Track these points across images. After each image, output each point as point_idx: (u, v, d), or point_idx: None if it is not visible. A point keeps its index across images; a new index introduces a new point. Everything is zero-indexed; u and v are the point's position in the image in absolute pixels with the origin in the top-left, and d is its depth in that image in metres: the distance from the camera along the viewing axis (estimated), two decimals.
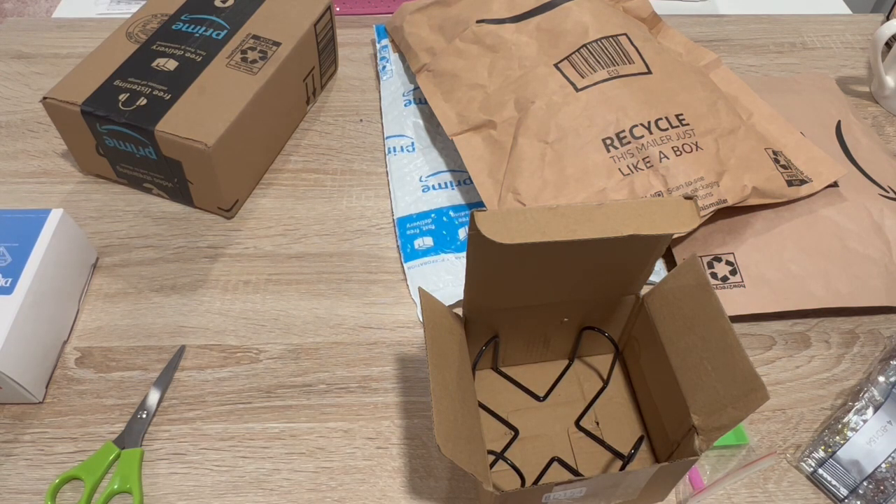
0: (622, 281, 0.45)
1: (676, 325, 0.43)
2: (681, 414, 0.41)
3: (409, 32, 0.70)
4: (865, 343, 0.55)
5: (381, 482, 0.47)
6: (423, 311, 0.41)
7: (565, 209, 0.37)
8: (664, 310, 0.44)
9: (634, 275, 0.45)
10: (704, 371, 0.40)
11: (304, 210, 0.63)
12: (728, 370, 0.38)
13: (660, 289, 0.45)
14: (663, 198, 0.39)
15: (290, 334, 0.55)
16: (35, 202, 0.63)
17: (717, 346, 0.39)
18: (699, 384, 0.40)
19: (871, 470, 0.47)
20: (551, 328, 0.49)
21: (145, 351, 0.53)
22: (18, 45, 0.78)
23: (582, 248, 0.39)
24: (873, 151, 0.64)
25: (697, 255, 0.43)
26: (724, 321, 0.39)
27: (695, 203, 0.38)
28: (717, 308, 0.39)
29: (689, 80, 0.61)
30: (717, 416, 0.38)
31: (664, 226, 0.38)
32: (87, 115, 0.57)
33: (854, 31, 0.82)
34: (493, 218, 0.36)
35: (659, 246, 0.42)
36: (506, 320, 0.47)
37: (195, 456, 0.48)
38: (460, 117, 0.62)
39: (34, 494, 0.46)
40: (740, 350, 0.37)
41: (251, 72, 0.61)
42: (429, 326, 0.41)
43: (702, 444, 0.39)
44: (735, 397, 0.37)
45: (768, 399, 0.35)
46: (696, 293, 0.41)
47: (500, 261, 0.40)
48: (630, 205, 0.38)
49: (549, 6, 0.64)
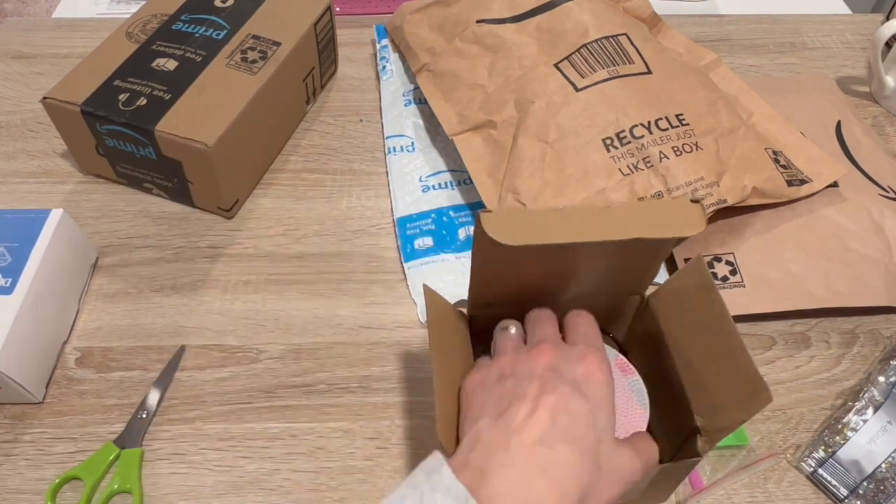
0: (627, 282, 0.45)
1: (681, 326, 0.43)
2: (684, 415, 0.41)
3: (409, 32, 0.70)
4: (865, 343, 0.55)
5: (381, 482, 0.47)
6: (428, 309, 0.41)
7: (571, 211, 0.37)
8: (668, 310, 0.44)
9: (640, 276, 0.44)
10: (708, 372, 0.40)
11: (304, 210, 0.63)
12: (732, 371, 0.38)
13: (664, 289, 0.45)
14: (670, 200, 0.39)
15: (290, 334, 0.55)
16: (35, 202, 0.63)
17: (721, 348, 0.39)
18: (702, 385, 0.40)
19: (871, 470, 0.47)
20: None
21: (145, 351, 0.53)
22: (18, 45, 0.78)
23: (587, 250, 0.39)
24: (873, 151, 0.64)
25: (701, 256, 0.43)
26: (728, 322, 0.38)
27: (701, 206, 0.38)
28: (722, 309, 0.39)
29: (689, 80, 0.61)
30: (721, 417, 0.38)
31: (670, 229, 0.37)
32: (87, 115, 0.57)
33: (854, 31, 0.82)
34: (499, 218, 0.36)
35: (665, 248, 0.42)
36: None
37: (195, 456, 0.48)
38: (460, 117, 0.62)
39: (34, 494, 0.46)
40: (744, 351, 0.37)
41: (251, 72, 0.61)
42: (433, 324, 0.41)
43: (704, 445, 0.39)
44: (738, 399, 0.37)
45: (772, 401, 0.35)
46: (701, 294, 0.41)
47: (504, 261, 0.40)
48: (636, 207, 0.38)
49: (549, 6, 0.64)
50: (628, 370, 0.44)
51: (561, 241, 0.36)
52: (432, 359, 0.39)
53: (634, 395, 0.43)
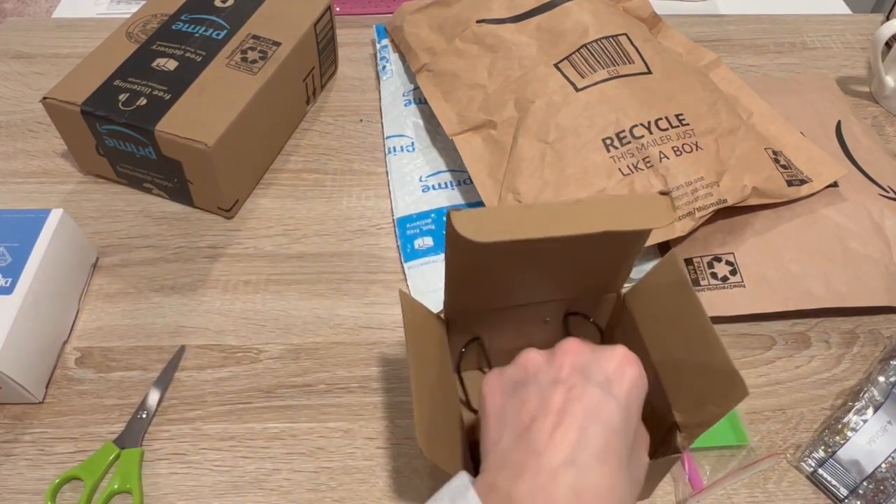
0: (602, 279, 0.45)
1: (658, 323, 0.43)
2: (663, 411, 0.41)
3: (409, 32, 0.70)
4: (865, 343, 0.55)
5: (381, 482, 0.47)
6: (404, 313, 0.41)
7: (540, 207, 0.37)
8: (645, 308, 0.44)
9: (614, 272, 0.44)
10: (685, 368, 0.40)
11: (304, 210, 0.63)
12: (708, 367, 0.38)
13: (640, 287, 0.45)
14: (640, 194, 0.38)
15: (290, 334, 0.55)
16: (35, 202, 0.63)
17: (698, 344, 0.39)
18: (680, 381, 0.40)
19: (871, 470, 0.47)
20: (534, 329, 0.48)
21: (145, 351, 0.53)
22: (18, 45, 0.78)
23: (558, 245, 0.39)
24: (873, 151, 0.64)
25: (675, 253, 0.43)
26: (703, 319, 0.39)
27: (670, 198, 0.38)
28: (697, 306, 0.39)
29: (689, 80, 0.61)
30: (699, 412, 0.38)
31: (639, 221, 0.37)
32: (87, 115, 0.57)
33: (854, 31, 0.82)
34: (469, 217, 0.36)
35: (638, 243, 0.42)
36: (487, 321, 0.47)
37: (195, 456, 0.48)
38: (460, 117, 0.62)
39: (34, 494, 0.46)
40: (720, 347, 0.37)
41: (251, 72, 0.61)
42: (409, 328, 0.41)
43: (684, 441, 0.39)
44: (715, 394, 0.37)
45: (747, 394, 0.35)
46: (676, 291, 0.41)
47: (477, 260, 0.40)
48: (606, 201, 0.38)
49: (549, 6, 0.64)
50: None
51: (530, 237, 0.36)
52: (410, 365, 0.39)
53: None
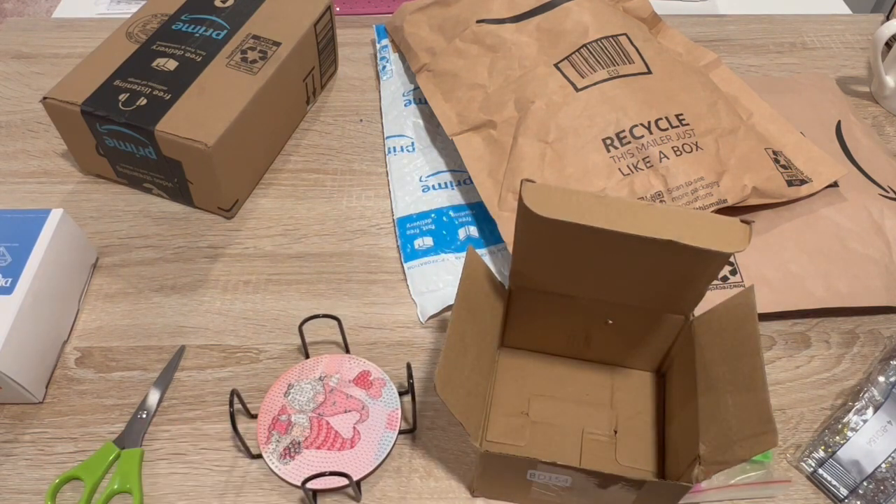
0: (668, 296, 0.44)
1: (713, 354, 0.42)
2: (693, 441, 0.41)
3: (409, 32, 0.70)
4: (865, 343, 0.55)
5: (381, 482, 0.47)
6: (465, 266, 0.42)
7: (612, 200, 0.37)
8: (707, 336, 0.43)
9: (681, 292, 0.43)
10: (724, 405, 0.39)
11: (304, 210, 0.63)
12: (746, 408, 0.37)
13: (709, 314, 0.44)
14: (719, 215, 0.37)
15: (290, 334, 0.55)
16: (35, 202, 0.63)
17: (744, 382, 0.38)
18: (716, 415, 0.39)
19: (871, 470, 0.47)
20: (594, 327, 0.48)
21: (145, 351, 0.53)
22: (18, 45, 0.78)
23: (622, 242, 0.38)
24: (873, 151, 0.64)
25: (753, 287, 0.42)
26: (758, 358, 0.38)
27: (750, 228, 0.37)
28: (756, 344, 0.38)
29: (689, 80, 0.61)
30: (724, 451, 0.38)
31: (709, 241, 0.36)
32: (87, 115, 0.57)
33: (854, 31, 0.82)
34: (540, 191, 0.36)
35: (711, 267, 0.40)
36: (549, 305, 0.47)
37: (195, 456, 0.48)
38: (460, 117, 0.62)
39: (34, 494, 0.46)
40: (764, 391, 0.36)
41: (251, 72, 0.61)
42: (464, 279, 0.41)
43: (700, 474, 0.39)
44: (745, 436, 0.36)
45: (777, 445, 0.35)
46: (742, 324, 0.40)
47: (542, 235, 0.39)
48: (680, 212, 0.37)
49: (549, 6, 0.64)
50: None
51: (593, 225, 0.36)
52: (453, 310, 0.40)
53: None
